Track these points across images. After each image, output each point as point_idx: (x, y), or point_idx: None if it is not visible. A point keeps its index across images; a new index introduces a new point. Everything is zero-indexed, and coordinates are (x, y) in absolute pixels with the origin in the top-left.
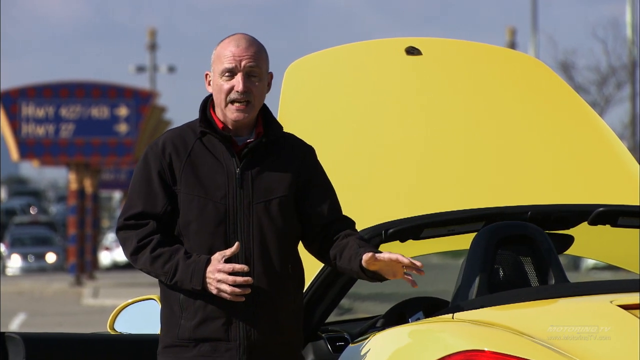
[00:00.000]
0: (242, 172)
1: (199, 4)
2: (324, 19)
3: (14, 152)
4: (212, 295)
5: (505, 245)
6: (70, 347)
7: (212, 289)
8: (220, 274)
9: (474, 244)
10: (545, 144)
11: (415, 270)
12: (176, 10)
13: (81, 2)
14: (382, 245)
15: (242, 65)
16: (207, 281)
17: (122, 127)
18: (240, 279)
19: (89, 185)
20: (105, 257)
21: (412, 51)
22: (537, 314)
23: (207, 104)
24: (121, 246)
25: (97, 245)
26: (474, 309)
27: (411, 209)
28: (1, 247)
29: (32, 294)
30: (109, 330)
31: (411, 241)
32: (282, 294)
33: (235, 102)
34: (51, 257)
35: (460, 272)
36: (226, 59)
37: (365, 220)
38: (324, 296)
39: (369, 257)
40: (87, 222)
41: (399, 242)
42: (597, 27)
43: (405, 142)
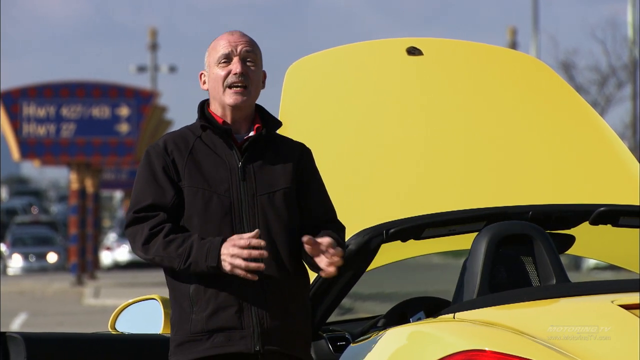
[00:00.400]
0: (244, 165)
1: (200, 4)
2: (324, 19)
3: (15, 152)
4: (222, 283)
5: (506, 245)
6: (71, 347)
7: (226, 266)
8: (234, 249)
9: (475, 244)
10: (546, 144)
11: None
12: (177, 10)
13: (82, 2)
14: (383, 245)
15: (238, 50)
16: (222, 258)
17: (123, 127)
18: (255, 252)
19: (90, 185)
20: (106, 257)
21: (413, 51)
22: (538, 314)
23: (205, 104)
24: (130, 241)
25: (98, 245)
26: (475, 309)
27: (412, 208)
28: (2, 247)
29: (33, 294)
30: (110, 330)
31: (412, 241)
32: (291, 282)
33: (232, 87)
34: (52, 257)
35: (461, 272)
36: (222, 46)
37: (366, 220)
38: (325, 296)
39: (307, 237)
40: (88, 222)
41: (400, 242)
42: (598, 27)
43: (406, 142)
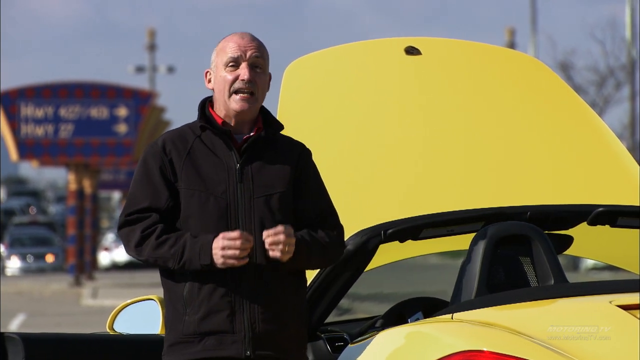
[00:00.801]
0: (242, 167)
1: (199, 4)
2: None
3: (13, 153)
4: (216, 286)
5: (504, 245)
6: (69, 348)
7: (218, 260)
8: (224, 241)
9: (473, 244)
10: (544, 144)
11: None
12: (176, 10)
13: (81, 2)
14: (381, 245)
15: (247, 55)
16: (213, 252)
17: (122, 128)
18: (246, 245)
19: (88, 185)
20: (104, 258)
21: (412, 51)
22: (536, 314)
23: (206, 103)
24: (123, 243)
25: (96, 245)
26: (473, 309)
27: (410, 209)
28: (0, 248)
29: (31, 295)
30: (108, 330)
31: (411, 241)
32: (284, 287)
33: (239, 92)
34: (50, 258)
35: (459, 272)
36: (231, 49)
37: (365, 220)
38: (323, 296)
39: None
40: (86, 223)
41: (398, 242)
42: (596, 27)
43: (404, 142)
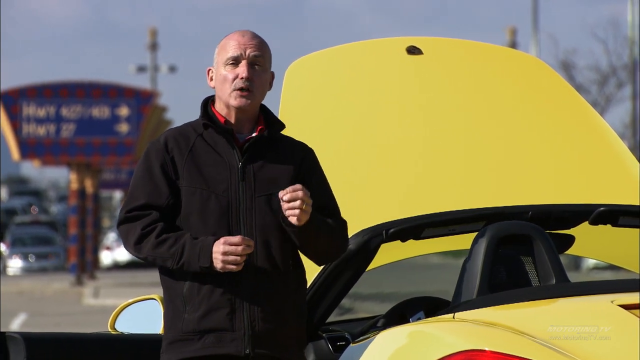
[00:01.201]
0: (244, 165)
1: (199, 4)
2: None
3: (15, 152)
4: (216, 284)
5: (506, 245)
6: (71, 347)
7: (218, 264)
8: (225, 246)
9: (474, 244)
10: (546, 144)
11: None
12: (176, 10)
13: (81, 2)
14: (383, 245)
15: (246, 53)
16: (214, 256)
17: (123, 127)
18: (247, 250)
19: (89, 185)
20: (106, 257)
21: (413, 50)
22: (537, 314)
23: (208, 101)
24: (123, 240)
25: (97, 245)
26: (474, 309)
27: (412, 208)
28: (2, 247)
29: (33, 294)
30: (110, 330)
31: (412, 241)
32: (284, 286)
33: (238, 90)
34: (52, 257)
35: (460, 272)
36: (231, 47)
37: (365, 220)
38: (324, 296)
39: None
40: (88, 222)
41: (399, 241)
42: (598, 26)
43: (406, 142)
